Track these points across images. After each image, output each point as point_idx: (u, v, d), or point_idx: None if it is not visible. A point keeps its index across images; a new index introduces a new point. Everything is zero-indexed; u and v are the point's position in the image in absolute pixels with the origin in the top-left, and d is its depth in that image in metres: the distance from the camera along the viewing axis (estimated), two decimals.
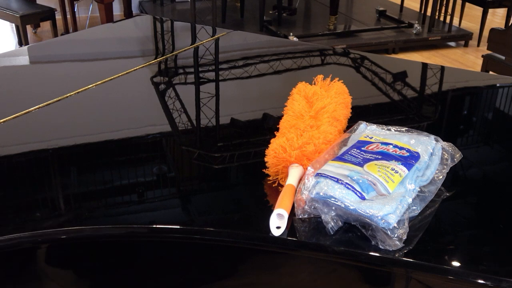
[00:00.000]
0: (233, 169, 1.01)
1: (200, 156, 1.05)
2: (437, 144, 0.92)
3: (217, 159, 1.02)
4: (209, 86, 1.39)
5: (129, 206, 0.92)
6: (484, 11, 4.52)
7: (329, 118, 0.98)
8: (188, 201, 0.91)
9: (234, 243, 0.82)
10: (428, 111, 1.33)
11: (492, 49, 3.03)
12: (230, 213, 0.88)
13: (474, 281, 0.72)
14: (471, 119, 1.29)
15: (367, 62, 1.58)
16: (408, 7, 5.32)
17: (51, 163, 1.03)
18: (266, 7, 4.84)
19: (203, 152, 1.06)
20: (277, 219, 0.78)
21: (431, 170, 0.87)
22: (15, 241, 0.80)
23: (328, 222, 0.77)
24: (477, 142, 1.17)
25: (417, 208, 0.81)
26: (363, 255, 0.75)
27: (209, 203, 0.91)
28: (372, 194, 0.78)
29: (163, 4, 5.31)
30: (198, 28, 1.80)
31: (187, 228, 0.84)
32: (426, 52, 4.52)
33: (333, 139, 0.94)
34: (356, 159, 0.85)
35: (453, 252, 0.77)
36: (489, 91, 1.43)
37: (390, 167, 0.82)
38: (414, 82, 1.44)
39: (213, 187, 0.96)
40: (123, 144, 1.08)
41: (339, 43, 4.31)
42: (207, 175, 1.00)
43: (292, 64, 1.55)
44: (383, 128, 0.98)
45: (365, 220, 0.75)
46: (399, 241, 0.74)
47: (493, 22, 5.29)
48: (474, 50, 4.59)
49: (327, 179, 0.79)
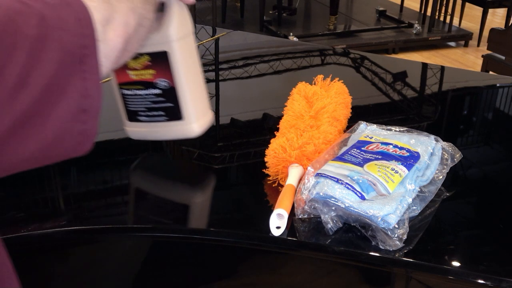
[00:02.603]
0: (233, 169, 1.01)
1: (200, 156, 1.05)
2: (437, 144, 0.92)
3: (217, 159, 1.02)
4: (209, 86, 1.39)
5: (129, 206, 0.92)
6: (484, 11, 4.52)
7: (329, 118, 0.99)
8: (187, 201, 0.91)
9: (234, 243, 0.82)
10: (428, 111, 1.33)
11: (492, 49, 3.03)
12: (230, 213, 0.88)
13: (474, 281, 0.73)
14: (471, 119, 1.29)
15: (367, 62, 1.58)
16: (408, 7, 5.32)
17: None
18: (266, 7, 4.84)
19: (203, 152, 1.06)
20: (277, 219, 0.78)
21: (431, 170, 0.87)
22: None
23: (328, 222, 0.77)
24: (477, 142, 1.17)
25: (417, 208, 0.81)
26: (363, 255, 0.75)
27: (209, 203, 0.91)
28: (372, 194, 0.78)
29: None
30: (198, 28, 1.80)
31: (187, 228, 0.84)
32: (426, 52, 4.52)
33: (333, 139, 0.94)
34: (356, 159, 0.85)
35: (453, 252, 0.77)
36: (489, 91, 1.43)
37: (390, 167, 0.82)
38: (414, 82, 1.44)
39: (213, 187, 0.96)
40: (123, 144, 1.08)
41: (339, 43, 4.31)
42: (207, 175, 1.00)
43: (292, 64, 1.55)
44: (383, 128, 0.98)
45: (365, 220, 0.75)
46: (399, 241, 0.74)
47: (493, 22, 5.29)
48: (474, 50, 4.59)
49: (327, 179, 0.79)
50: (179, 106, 0.87)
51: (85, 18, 0.48)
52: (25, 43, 0.43)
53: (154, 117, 0.89)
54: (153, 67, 0.84)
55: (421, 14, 4.99)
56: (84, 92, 0.48)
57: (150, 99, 0.87)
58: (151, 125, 0.90)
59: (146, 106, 0.89)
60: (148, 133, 0.92)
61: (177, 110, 0.88)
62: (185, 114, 0.88)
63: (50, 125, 0.46)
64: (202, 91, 0.91)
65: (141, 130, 0.92)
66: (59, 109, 0.46)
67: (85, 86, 0.48)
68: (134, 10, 0.59)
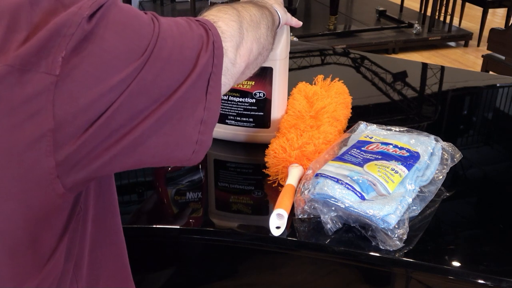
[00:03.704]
0: (233, 168, 1.01)
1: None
2: (437, 144, 0.92)
3: (218, 159, 1.02)
4: None
5: (128, 206, 0.92)
6: (484, 11, 4.52)
7: (329, 118, 0.98)
8: (187, 201, 0.91)
9: (234, 243, 0.82)
10: (428, 111, 1.33)
11: (492, 49, 3.02)
12: (230, 213, 0.88)
13: (474, 281, 0.73)
14: (471, 119, 1.29)
15: (367, 62, 1.58)
16: (408, 7, 5.32)
17: None
18: None
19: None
20: (277, 219, 0.78)
21: (431, 170, 0.87)
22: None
23: (327, 223, 0.77)
24: (477, 142, 1.17)
25: (417, 208, 0.81)
26: (363, 255, 0.75)
27: (209, 203, 0.91)
28: (372, 194, 0.78)
29: (163, 4, 5.32)
30: None
31: (187, 228, 0.84)
32: (426, 52, 4.52)
33: (333, 139, 0.94)
34: (356, 159, 0.84)
35: (453, 252, 0.77)
36: (489, 91, 1.43)
37: (390, 167, 0.82)
38: (414, 82, 1.44)
39: (212, 187, 0.96)
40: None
41: (339, 43, 4.30)
42: (206, 175, 1.00)
43: (292, 64, 1.55)
44: (383, 128, 0.98)
45: (365, 220, 0.75)
46: (400, 241, 0.74)
47: (493, 22, 5.29)
48: (474, 50, 4.58)
49: (327, 179, 0.79)
50: (269, 116, 1.00)
51: (218, 41, 0.56)
52: (188, 64, 0.52)
53: (242, 123, 1.01)
54: (253, 79, 0.96)
55: (421, 14, 4.99)
56: (207, 105, 0.54)
57: (243, 106, 0.99)
58: (237, 129, 1.02)
59: (237, 112, 1.00)
60: (232, 135, 1.03)
61: (267, 119, 1.00)
62: (271, 123, 1.01)
63: (176, 131, 0.52)
64: (285, 105, 1.04)
65: (226, 132, 1.02)
66: (185, 117, 0.52)
67: (208, 100, 0.54)
68: (258, 40, 0.68)
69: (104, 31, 0.46)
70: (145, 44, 0.48)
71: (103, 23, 0.46)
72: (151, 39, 0.49)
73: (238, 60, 0.62)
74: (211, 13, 0.63)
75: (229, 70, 0.60)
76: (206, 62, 0.53)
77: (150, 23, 0.50)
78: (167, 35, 0.51)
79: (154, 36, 0.49)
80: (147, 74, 0.48)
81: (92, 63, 0.45)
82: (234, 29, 0.61)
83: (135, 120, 0.48)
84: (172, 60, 0.50)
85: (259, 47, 0.68)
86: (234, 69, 0.61)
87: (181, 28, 0.54)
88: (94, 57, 0.45)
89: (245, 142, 1.03)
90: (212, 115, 0.55)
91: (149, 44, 0.48)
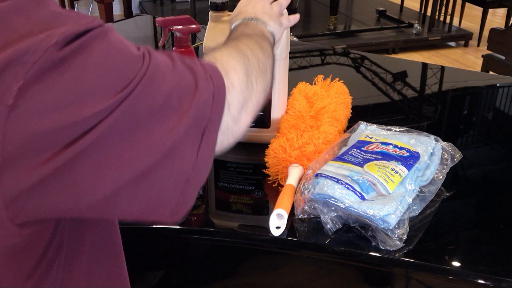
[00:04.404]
0: (233, 168, 1.01)
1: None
2: (437, 144, 0.92)
3: (218, 159, 1.02)
4: None
5: None
6: (484, 11, 4.52)
7: (329, 118, 0.99)
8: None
9: (234, 243, 0.82)
10: (428, 111, 1.33)
11: (492, 49, 3.02)
12: (230, 213, 0.88)
13: (474, 281, 0.73)
14: (471, 119, 1.29)
15: (367, 62, 1.58)
16: (408, 7, 5.32)
17: None
18: None
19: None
20: (276, 219, 0.78)
21: (431, 170, 0.87)
22: None
23: (327, 223, 0.77)
24: (477, 142, 1.17)
25: (417, 208, 0.81)
26: (363, 255, 0.75)
27: (209, 203, 0.91)
28: (372, 194, 0.78)
29: (163, 4, 5.32)
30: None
31: (187, 228, 0.84)
32: (426, 52, 4.52)
33: (333, 139, 0.94)
34: (356, 159, 0.84)
35: (453, 252, 0.77)
36: (489, 91, 1.43)
37: (390, 167, 0.82)
38: (414, 82, 1.44)
39: (213, 187, 0.96)
40: None
41: (339, 43, 4.30)
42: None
43: (292, 64, 1.55)
44: (383, 128, 0.98)
45: (365, 220, 0.75)
46: (399, 241, 0.74)
47: (493, 22, 5.29)
48: (474, 50, 4.58)
49: (327, 179, 0.79)
50: (269, 115, 1.01)
51: (220, 94, 0.50)
52: (187, 109, 0.46)
53: None
54: None
55: (421, 14, 4.99)
56: (194, 163, 0.48)
57: None
58: None
59: None
60: None
61: (267, 119, 1.01)
62: (272, 123, 1.01)
63: (156, 188, 0.46)
64: (285, 105, 1.04)
65: None
66: (168, 173, 0.46)
67: (197, 158, 0.48)
68: (266, 90, 0.62)
69: (81, 61, 0.41)
70: (126, 81, 0.43)
71: (83, 53, 0.41)
72: (135, 77, 0.44)
73: (243, 119, 0.55)
74: (221, 57, 0.57)
75: (230, 128, 0.53)
76: (198, 115, 0.47)
77: (139, 60, 0.45)
78: (156, 76, 0.45)
79: (139, 75, 0.44)
80: (123, 115, 0.42)
81: (56, 93, 0.40)
82: (243, 82, 0.55)
83: (103, 168, 0.42)
84: (155, 104, 0.44)
85: (266, 97, 0.62)
86: (238, 130, 0.55)
87: (177, 70, 0.48)
88: (60, 87, 0.40)
89: (245, 142, 1.03)
90: (198, 176, 0.49)
91: (131, 82, 0.43)
